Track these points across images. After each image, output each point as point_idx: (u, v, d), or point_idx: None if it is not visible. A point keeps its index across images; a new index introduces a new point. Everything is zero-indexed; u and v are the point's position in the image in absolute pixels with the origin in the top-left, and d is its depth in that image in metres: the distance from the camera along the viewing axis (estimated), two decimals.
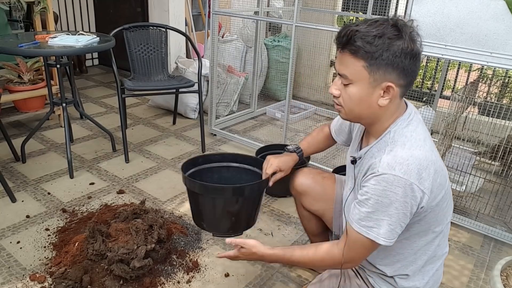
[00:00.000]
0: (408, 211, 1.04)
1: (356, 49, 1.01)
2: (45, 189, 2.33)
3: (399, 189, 1.01)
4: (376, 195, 1.03)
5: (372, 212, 1.04)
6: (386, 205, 1.02)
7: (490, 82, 2.64)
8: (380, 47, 1.00)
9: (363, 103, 1.07)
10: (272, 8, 4.15)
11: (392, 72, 1.02)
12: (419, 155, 1.03)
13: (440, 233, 1.18)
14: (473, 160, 2.24)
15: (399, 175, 1.00)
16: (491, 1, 1.83)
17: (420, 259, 1.19)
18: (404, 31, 1.01)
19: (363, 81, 1.04)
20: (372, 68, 1.02)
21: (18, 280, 1.66)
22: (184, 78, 2.99)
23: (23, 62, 3.02)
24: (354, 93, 1.06)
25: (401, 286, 1.21)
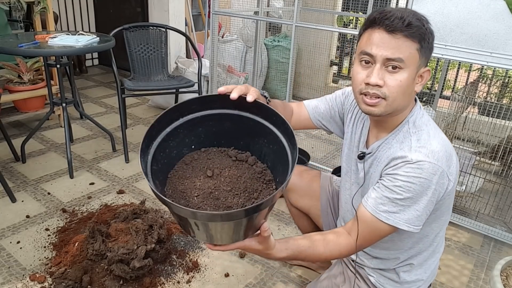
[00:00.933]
0: (435, 199, 1.03)
1: (413, 29, 0.97)
2: (45, 189, 2.33)
3: (434, 177, 1.00)
4: (410, 182, 1.00)
5: (400, 199, 1.01)
6: (418, 192, 1.00)
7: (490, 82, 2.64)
8: (428, 30, 1.00)
9: (408, 89, 1.02)
10: (272, 8, 4.15)
11: (429, 56, 1.03)
12: (443, 143, 1.04)
13: (445, 223, 1.18)
14: (473, 160, 2.24)
15: (434, 162, 0.99)
16: (491, 1, 1.83)
17: (425, 250, 1.19)
18: (426, 19, 1.01)
19: (414, 65, 1.00)
20: (422, 51, 1.00)
21: (18, 280, 1.66)
22: (184, 78, 2.99)
23: (23, 62, 3.02)
24: (405, 79, 1.00)
25: (403, 280, 1.20)
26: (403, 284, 1.21)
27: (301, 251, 1.08)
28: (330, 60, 4.18)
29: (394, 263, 1.21)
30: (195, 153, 1.02)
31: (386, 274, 1.23)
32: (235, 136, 1.02)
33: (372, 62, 1.01)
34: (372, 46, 1.00)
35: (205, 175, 0.97)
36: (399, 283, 1.21)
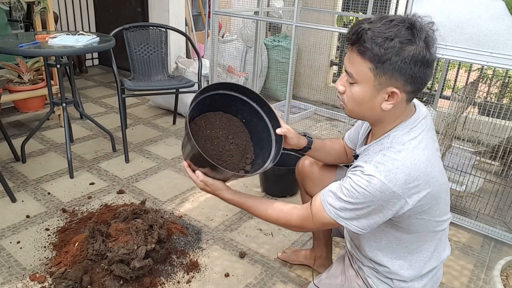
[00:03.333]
0: (382, 213, 1.03)
1: (364, 49, 0.97)
2: (45, 189, 2.33)
3: (381, 195, 0.99)
4: (355, 189, 1.01)
5: (342, 199, 1.04)
6: (359, 202, 1.02)
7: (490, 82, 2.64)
8: (389, 51, 0.94)
9: (365, 104, 1.04)
10: (272, 8, 4.15)
11: (399, 77, 0.97)
12: (410, 166, 0.99)
13: (435, 237, 1.18)
14: (473, 160, 2.24)
15: (384, 181, 0.98)
16: (491, 1, 1.83)
17: (416, 263, 1.18)
18: (419, 36, 0.95)
19: (367, 83, 1.00)
20: (378, 71, 0.97)
21: (18, 280, 1.66)
22: (184, 78, 2.99)
23: (23, 62, 3.02)
24: (358, 94, 1.03)
25: (398, 286, 1.20)
26: None
27: (247, 200, 1.24)
28: (330, 60, 4.18)
29: (385, 270, 1.21)
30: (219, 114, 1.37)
31: (380, 277, 1.23)
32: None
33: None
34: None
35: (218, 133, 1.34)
36: None
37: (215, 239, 1.99)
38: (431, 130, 1.13)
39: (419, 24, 0.97)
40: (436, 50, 1.00)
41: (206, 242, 1.96)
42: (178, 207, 2.24)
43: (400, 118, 1.08)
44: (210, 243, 1.96)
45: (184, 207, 2.24)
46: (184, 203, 2.28)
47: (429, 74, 1.00)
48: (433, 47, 0.98)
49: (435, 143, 1.12)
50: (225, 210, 2.24)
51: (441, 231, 1.19)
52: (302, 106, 3.95)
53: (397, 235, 1.14)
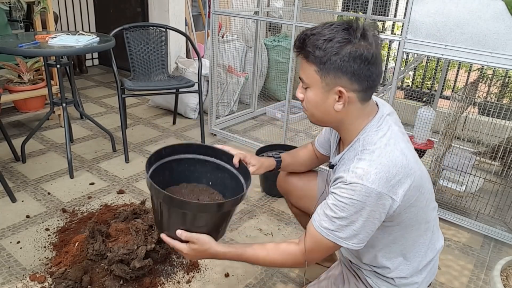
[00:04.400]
0: (376, 219, 1.03)
1: (307, 53, 1.02)
2: (45, 189, 2.33)
3: (368, 198, 0.99)
4: (343, 203, 1.02)
5: (336, 217, 1.03)
6: (352, 213, 1.01)
7: (490, 82, 2.65)
8: (328, 51, 0.99)
9: (320, 107, 1.08)
10: (272, 8, 4.15)
11: (342, 76, 1.01)
12: (388, 163, 1.01)
13: (427, 228, 1.19)
14: (473, 160, 2.24)
15: (367, 184, 0.99)
16: (491, 1, 1.83)
17: (414, 257, 1.20)
18: (355, 35, 0.99)
19: (316, 86, 1.05)
20: (322, 72, 1.02)
21: (18, 280, 1.66)
22: (184, 78, 2.99)
23: (23, 62, 3.02)
24: (311, 97, 1.07)
25: (399, 283, 1.21)
26: (399, 286, 1.21)
27: (243, 252, 1.15)
28: None
29: (385, 271, 1.21)
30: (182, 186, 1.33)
31: (381, 277, 1.23)
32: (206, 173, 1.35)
33: None
34: None
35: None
36: (395, 286, 1.22)
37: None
38: (398, 123, 1.15)
39: (355, 25, 1.00)
40: (378, 48, 1.02)
41: None
42: None
43: (361, 118, 1.09)
44: None
45: None
46: None
47: (375, 71, 1.02)
48: (372, 45, 1.00)
49: (405, 135, 1.13)
50: None
51: (431, 221, 1.21)
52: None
53: (391, 237, 1.15)
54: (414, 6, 2.02)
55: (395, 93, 2.23)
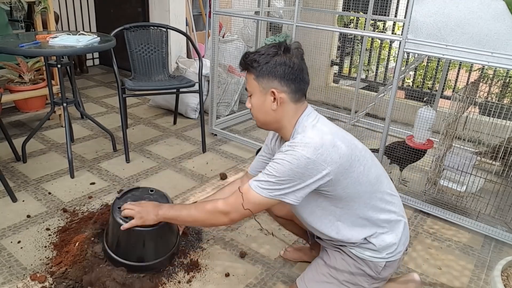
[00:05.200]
0: (306, 182, 1.24)
1: (248, 66, 1.32)
2: (45, 189, 2.33)
3: (296, 161, 1.22)
4: (277, 165, 1.24)
5: (270, 175, 1.26)
6: (283, 174, 1.23)
7: (491, 82, 2.64)
8: (262, 61, 1.29)
9: (262, 109, 1.34)
10: (272, 8, 4.15)
11: (273, 79, 1.29)
12: (315, 136, 1.26)
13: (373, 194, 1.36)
14: (474, 160, 2.23)
15: (297, 150, 1.23)
16: (492, 1, 1.83)
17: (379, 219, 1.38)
18: (280, 50, 1.29)
19: (256, 91, 1.33)
20: (259, 79, 1.31)
21: (19, 279, 1.66)
22: (185, 78, 2.99)
23: (24, 62, 3.02)
24: (255, 102, 1.35)
25: (379, 245, 1.37)
26: (380, 250, 1.38)
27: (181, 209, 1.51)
28: (331, 60, 4.18)
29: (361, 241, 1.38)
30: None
31: (362, 246, 1.39)
32: None
33: None
34: None
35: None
36: (377, 251, 1.38)
37: (215, 239, 1.99)
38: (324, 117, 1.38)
39: (282, 44, 1.31)
40: (299, 59, 1.31)
41: (207, 242, 1.96)
42: None
43: (295, 117, 1.34)
44: (210, 243, 1.96)
45: None
46: (185, 202, 2.28)
47: (299, 75, 1.30)
48: (293, 57, 1.30)
49: (333, 124, 1.37)
50: None
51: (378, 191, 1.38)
52: None
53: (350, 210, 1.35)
54: (415, 6, 2.02)
55: (395, 93, 2.23)
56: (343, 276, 1.43)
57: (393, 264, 1.42)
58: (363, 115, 3.59)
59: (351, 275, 1.42)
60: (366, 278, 1.42)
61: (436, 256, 1.98)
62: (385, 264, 1.40)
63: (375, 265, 1.40)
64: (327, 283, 1.44)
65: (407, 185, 2.56)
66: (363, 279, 1.42)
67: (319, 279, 1.46)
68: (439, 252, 2.01)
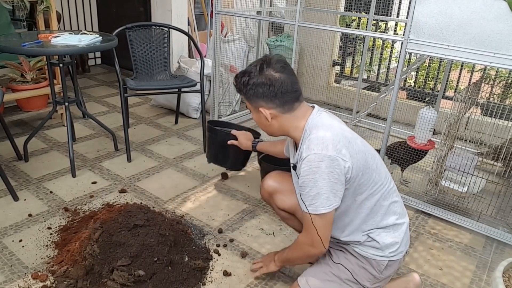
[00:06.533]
0: (337, 179, 1.26)
1: (237, 90, 1.42)
2: (47, 188, 2.33)
3: (321, 163, 1.24)
4: (306, 175, 1.26)
5: (308, 191, 1.27)
6: (314, 180, 1.25)
7: (493, 82, 2.64)
8: (243, 87, 1.38)
9: (260, 124, 1.44)
10: (274, 8, 4.15)
11: (257, 100, 1.37)
12: (330, 134, 1.29)
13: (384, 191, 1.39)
14: (476, 161, 2.23)
15: (317, 152, 1.25)
16: (494, 2, 1.83)
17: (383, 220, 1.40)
18: (255, 71, 1.35)
19: (251, 108, 1.42)
20: (247, 100, 1.41)
21: (20, 278, 1.67)
22: (187, 78, 2.99)
23: (26, 61, 3.03)
24: (254, 117, 1.46)
25: (383, 243, 1.39)
26: (383, 248, 1.39)
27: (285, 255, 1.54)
28: (333, 60, 4.17)
29: (363, 238, 1.40)
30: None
31: (366, 244, 1.41)
32: None
33: None
34: None
35: None
36: (380, 249, 1.39)
37: (217, 239, 1.99)
38: (332, 115, 1.44)
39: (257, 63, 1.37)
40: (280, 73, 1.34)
41: (208, 241, 1.96)
42: (180, 206, 2.25)
43: (298, 121, 1.38)
44: (212, 242, 1.96)
45: (185, 207, 2.24)
46: (186, 202, 2.29)
47: (279, 91, 1.33)
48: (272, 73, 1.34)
49: (341, 122, 1.43)
50: (226, 209, 2.24)
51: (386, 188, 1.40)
52: None
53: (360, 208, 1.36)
54: (417, 6, 2.02)
55: (397, 93, 2.22)
56: (346, 274, 1.43)
57: (394, 264, 1.43)
58: (364, 115, 3.58)
59: (353, 274, 1.43)
60: (368, 276, 1.43)
61: (438, 256, 1.98)
62: (387, 263, 1.41)
63: (377, 263, 1.41)
64: (329, 281, 1.45)
65: (408, 185, 2.55)
66: (365, 278, 1.43)
67: (321, 277, 1.46)
68: (440, 253, 2.01)
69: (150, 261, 1.62)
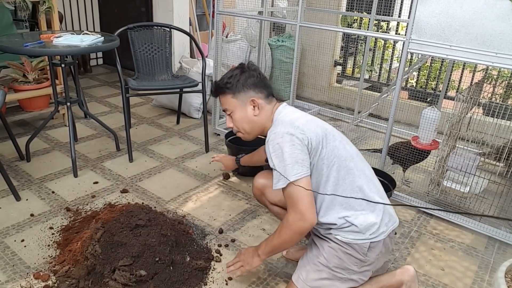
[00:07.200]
0: (300, 150, 1.38)
1: (223, 90, 1.55)
2: (49, 188, 2.34)
3: (281, 139, 1.39)
4: (272, 152, 1.40)
5: (277, 166, 1.37)
6: (279, 155, 1.38)
7: (495, 82, 2.63)
8: (233, 81, 1.52)
9: (245, 119, 1.55)
10: (276, 8, 4.15)
11: (248, 90, 1.53)
12: (288, 118, 1.47)
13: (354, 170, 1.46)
14: (478, 161, 2.22)
15: (278, 131, 1.42)
16: (496, 1, 1.82)
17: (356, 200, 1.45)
18: (245, 67, 1.55)
19: (237, 106, 1.54)
20: (236, 95, 1.53)
21: (22, 278, 1.67)
22: (188, 78, 3.00)
23: (28, 62, 3.04)
24: (238, 116, 1.55)
25: (361, 226, 1.42)
26: (363, 231, 1.43)
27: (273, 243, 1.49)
28: (334, 60, 4.17)
29: (340, 221, 1.44)
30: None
31: (345, 229, 1.45)
32: None
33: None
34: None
35: None
36: (360, 232, 1.43)
37: (218, 239, 1.99)
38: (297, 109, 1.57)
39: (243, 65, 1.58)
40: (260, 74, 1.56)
41: (210, 241, 1.96)
42: (181, 206, 2.25)
43: (273, 112, 1.55)
44: (213, 242, 1.96)
45: (187, 207, 2.24)
46: (187, 202, 2.29)
47: (266, 83, 1.56)
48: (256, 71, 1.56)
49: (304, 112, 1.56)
50: (228, 210, 2.24)
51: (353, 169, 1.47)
52: (305, 106, 3.95)
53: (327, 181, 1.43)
54: (419, 6, 2.01)
55: (399, 93, 2.22)
56: (333, 262, 1.47)
57: (378, 245, 1.46)
58: (366, 115, 3.58)
59: (340, 260, 1.46)
60: (354, 261, 1.46)
61: (439, 257, 1.98)
62: (369, 245, 1.44)
63: (360, 247, 1.44)
64: (319, 271, 1.49)
65: (410, 185, 2.55)
66: (351, 263, 1.46)
67: (311, 268, 1.50)
68: (442, 253, 2.00)
69: (152, 261, 1.62)
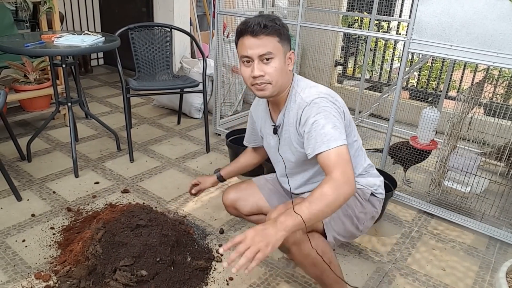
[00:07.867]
0: (340, 116, 1.37)
1: (269, 30, 1.31)
2: (50, 188, 2.34)
3: (327, 103, 1.35)
4: (317, 113, 1.32)
5: (323, 128, 1.29)
6: (327, 115, 1.32)
7: (496, 82, 2.63)
8: (280, 26, 1.35)
9: (283, 71, 1.37)
10: (276, 8, 4.15)
11: (288, 43, 1.38)
12: (322, 88, 1.43)
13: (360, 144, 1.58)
14: (479, 161, 2.22)
15: (321, 96, 1.37)
16: (497, 1, 1.82)
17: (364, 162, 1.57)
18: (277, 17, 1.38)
19: (279, 53, 1.35)
20: (282, 42, 1.35)
21: (23, 278, 1.67)
22: (189, 78, 3.00)
23: (29, 62, 3.04)
24: (278, 65, 1.35)
25: (365, 183, 1.54)
26: (366, 185, 1.54)
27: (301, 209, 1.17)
28: (335, 60, 4.17)
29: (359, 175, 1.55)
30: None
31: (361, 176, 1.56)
32: None
33: (251, 61, 1.35)
34: (247, 49, 1.34)
35: None
36: (364, 185, 1.54)
37: (219, 239, 1.99)
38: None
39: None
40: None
41: (211, 241, 1.97)
42: (182, 206, 2.25)
43: (291, 78, 1.45)
44: (214, 242, 1.96)
45: (188, 207, 2.25)
46: (188, 202, 2.29)
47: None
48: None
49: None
50: None
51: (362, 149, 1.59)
52: None
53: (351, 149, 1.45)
54: (420, 6, 2.01)
55: (400, 93, 2.22)
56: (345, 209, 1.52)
57: (375, 201, 1.56)
58: (367, 115, 3.58)
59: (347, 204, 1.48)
60: (355, 203, 1.51)
61: (440, 257, 1.98)
62: (371, 193, 1.55)
63: (363, 192, 1.53)
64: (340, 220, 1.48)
65: (411, 185, 2.55)
66: (354, 205, 1.51)
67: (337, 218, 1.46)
68: (443, 253, 2.00)
69: (153, 261, 1.62)
